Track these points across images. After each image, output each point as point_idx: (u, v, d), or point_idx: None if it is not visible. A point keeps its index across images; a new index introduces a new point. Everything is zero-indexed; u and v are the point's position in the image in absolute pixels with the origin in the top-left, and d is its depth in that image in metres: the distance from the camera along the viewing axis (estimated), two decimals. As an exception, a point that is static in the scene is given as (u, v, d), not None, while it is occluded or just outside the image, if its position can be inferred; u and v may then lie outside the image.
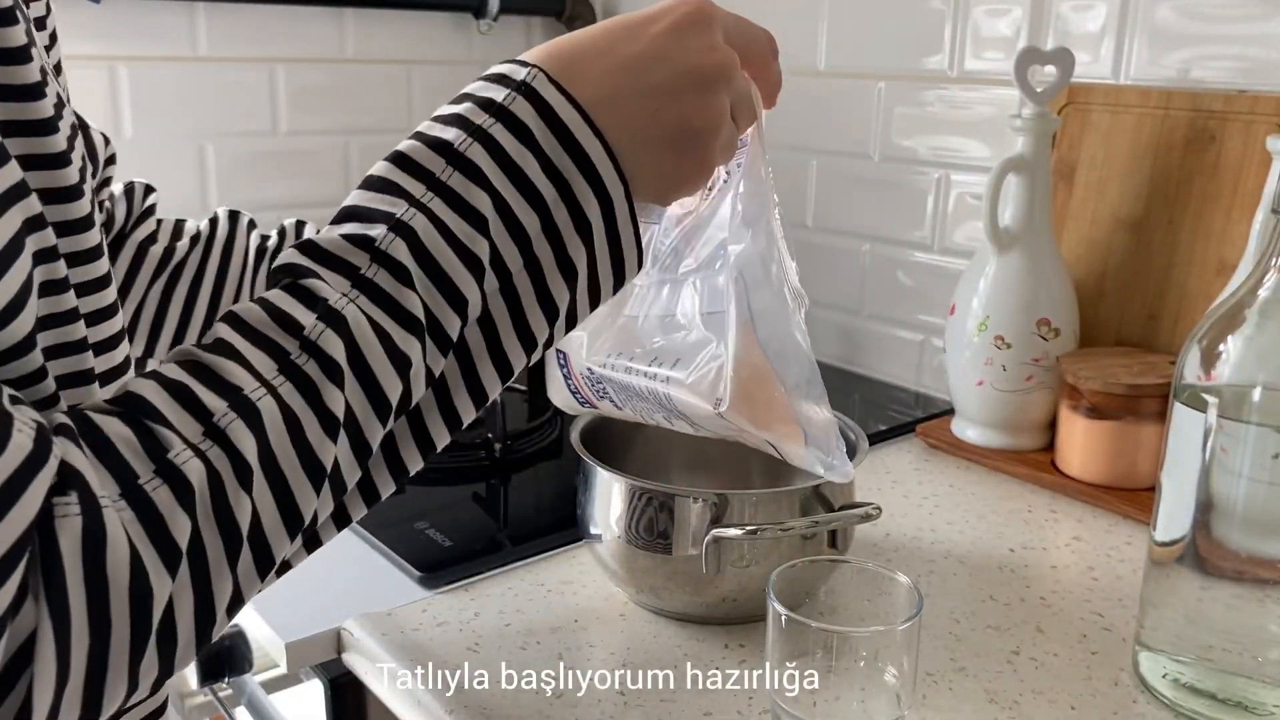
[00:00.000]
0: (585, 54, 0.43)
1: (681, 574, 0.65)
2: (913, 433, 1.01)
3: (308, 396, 0.36)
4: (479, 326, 0.41)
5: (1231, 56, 0.89)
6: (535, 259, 0.41)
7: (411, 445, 0.42)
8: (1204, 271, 0.89)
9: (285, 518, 0.36)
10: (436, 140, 0.41)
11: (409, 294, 0.38)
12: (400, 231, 0.39)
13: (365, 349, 0.38)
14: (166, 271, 0.67)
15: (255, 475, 0.35)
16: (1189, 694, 0.58)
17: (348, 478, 0.39)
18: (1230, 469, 0.56)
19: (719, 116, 0.45)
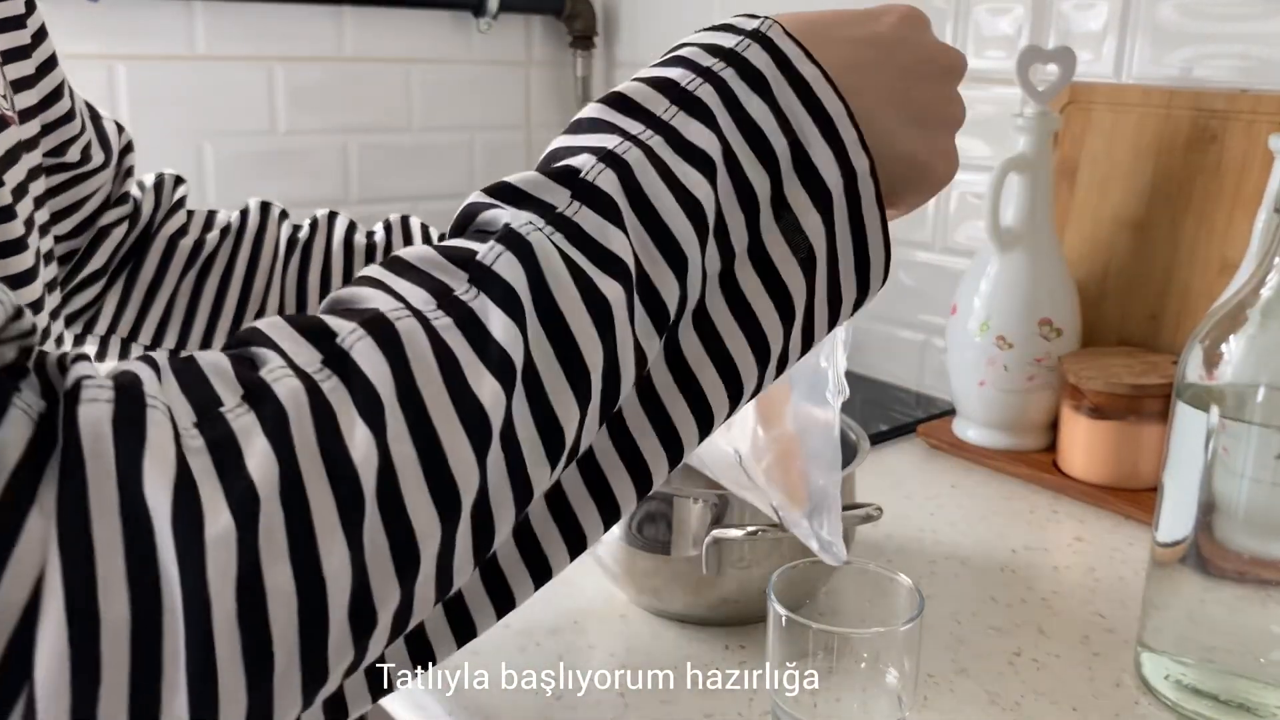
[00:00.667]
0: (825, 21, 0.38)
1: (682, 575, 0.64)
2: (914, 433, 1.01)
3: (471, 335, 0.29)
4: (695, 326, 0.34)
5: (1234, 56, 0.88)
6: (760, 238, 0.35)
7: (619, 464, 0.34)
8: (1206, 271, 0.89)
9: (432, 492, 0.28)
10: (660, 79, 0.35)
11: (615, 233, 0.31)
12: (611, 163, 0.32)
13: (553, 284, 0.30)
14: (197, 264, 0.66)
15: (385, 408, 0.27)
16: (1191, 695, 0.58)
17: (530, 460, 0.30)
18: (1233, 469, 0.56)
19: (962, 111, 0.41)
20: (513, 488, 0.30)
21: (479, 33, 1.41)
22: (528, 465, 0.30)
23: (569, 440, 0.31)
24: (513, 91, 1.47)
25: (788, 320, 0.35)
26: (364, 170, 1.36)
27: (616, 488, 0.34)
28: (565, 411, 0.30)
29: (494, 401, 0.28)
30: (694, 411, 0.35)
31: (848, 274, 0.36)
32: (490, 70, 1.44)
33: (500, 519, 0.30)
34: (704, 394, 0.34)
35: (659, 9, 1.42)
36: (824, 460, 0.51)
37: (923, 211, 1.14)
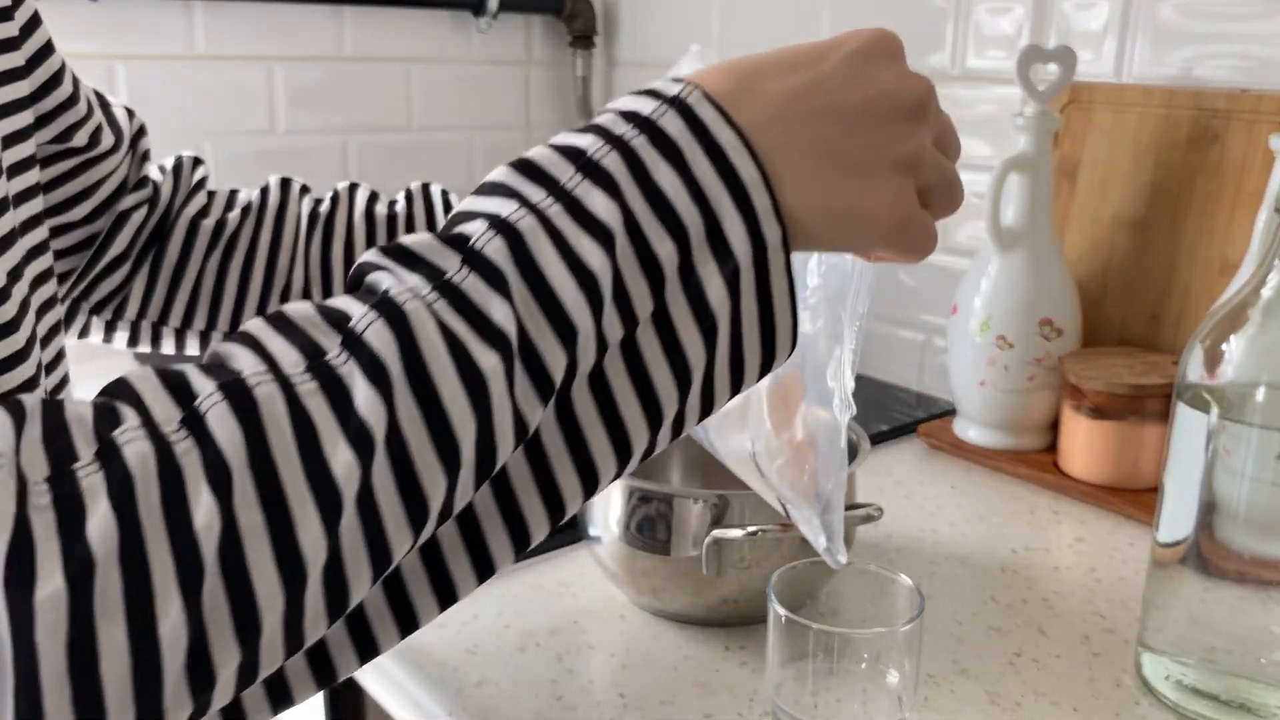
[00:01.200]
0: (762, 71, 0.37)
1: (682, 575, 0.64)
2: (914, 433, 1.01)
3: (334, 401, 0.29)
4: (590, 387, 0.34)
5: (1234, 55, 0.88)
6: (665, 305, 0.34)
7: (499, 524, 0.34)
8: (1207, 271, 0.89)
9: (278, 560, 0.28)
10: (568, 147, 0.35)
11: (498, 302, 0.31)
12: (503, 231, 0.32)
13: (426, 354, 0.30)
14: (221, 244, 0.67)
15: (234, 474, 0.28)
16: (1192, 696, 0.58)
17: (390, 527, 0.30)
18: (1233, 470, 0.56)
19: (920, 147, 0.38)
20: (369, 552, 0.30)
21: (479, 33, 1.41)
22: (387, 532, 0.30)
23: (434, 508, 0.31)
24: (513, 91, 1.47)
25: (684, 387, 0.35)
26: (364, 170, 1.36)
27: (493, 544, 0.35)
28: (431, 481, 0.30)
29: (347, 472, 0.29)
30: (579, 472, 0.35)
31: (752, 343, 0.36)
32: (490, 70, 1.44)
33: (356, 581, 0.30)
34: (591, 456, 0.35)
35: (659, 9, 1.42)
36: (830, 464, 0.51)
37: (923, 211, 1.14)
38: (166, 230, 0.66)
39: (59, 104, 0.56)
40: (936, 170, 0.40)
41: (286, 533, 0.28)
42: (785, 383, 0.51)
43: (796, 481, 0.51)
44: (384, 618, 0.34)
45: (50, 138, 0.56)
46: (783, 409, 0.52)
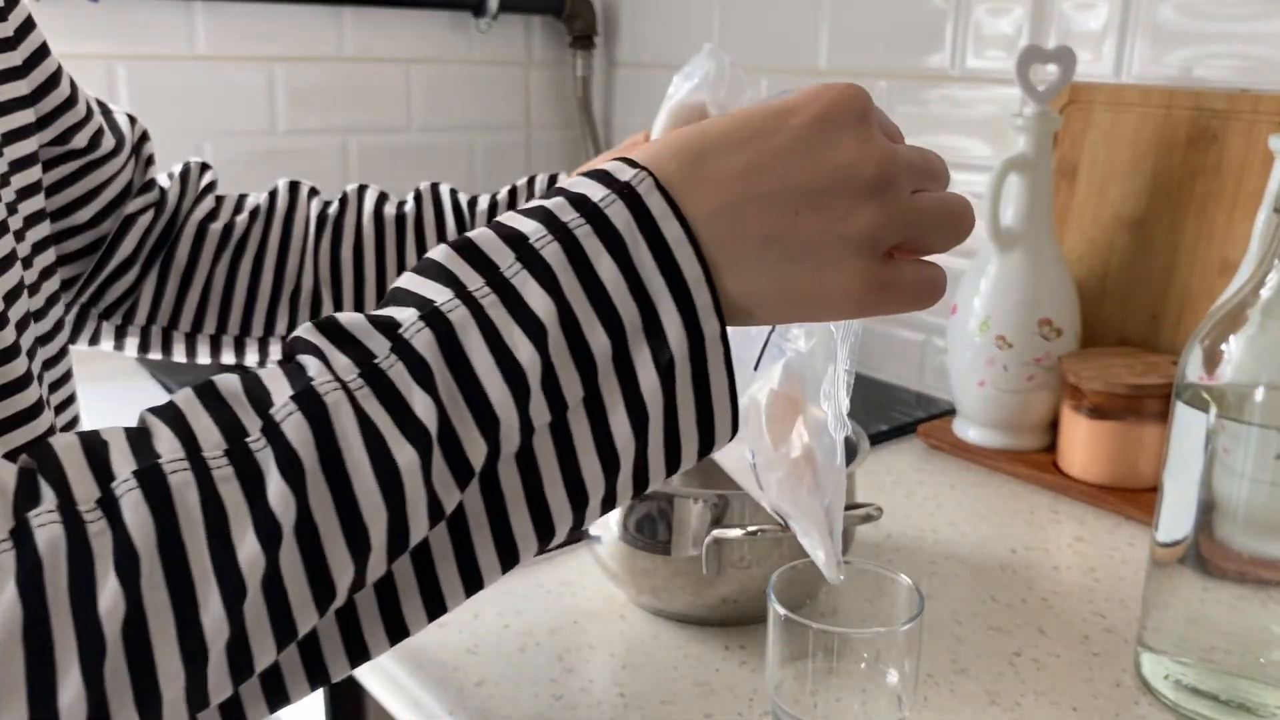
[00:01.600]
0: (713, 151, 0.36)
1: (682, 575, 0.64)
2: (914, 433, 1.01)
3: (247, 490, 0.30)
4: (517, 464, 0.34)
5: (1234, 55, 0.88)
6: (598, 392, 0.34)
7: (416, 595, 0.35)
8: (1206, 271, 0.89)
9: (180, 639, 0.29)
10: (511, 232, 0.35)
11: (420, 395, 0.32)
12: (433, 322, 0.33)
13: (342, 447, 0.31)
14: (229, 248, 0.67)
15: (142, 559, 0.29)
16: (1191, 695, 0.58)
17: (296, 607, 0.31)
18: (1232, 469, 0.56)
19: (880, 218, 0.36)
20: (274, 631, 0.31)
21: (479, 33, 1.41)
22: (293, 611, 0.31)
23: (342, 589, 0.32)
24: (513, 91, 1.47)
25: (612, 472, 0.35)
26: (364, 170, 1.36)
27: (407, 611, 0.35)
28: (339, 567, 0.31)
29: (252, 559, 0.30)
30: (498, 547, 0.35)
31: (688, 431, 0.36)
32: (490, 70, 1.44)
33: (260, 656, 0.31)
34: (512, 533, 0.35)
35: (659, 9, 1.42)
36: (827, 481, 0.51)
37: (923, 211, 1.14)
38: (174, 234, 0.66)
39: (58, 105, 0.56)
40: (917, 222, 0.38)
41: (191, 615, 0.30)
42: (784, 395, 0.50)
43: (795, 496, 0.51)
44: (296, 671, 0.34)
45: (51, 139, 0.56)
46: (781, 423, 0.52)
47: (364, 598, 0.34)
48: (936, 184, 0.40)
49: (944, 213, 0.39)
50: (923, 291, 0.38)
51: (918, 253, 0.39)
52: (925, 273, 0.39)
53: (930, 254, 0.40)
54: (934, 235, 0.39)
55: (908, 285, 0.38)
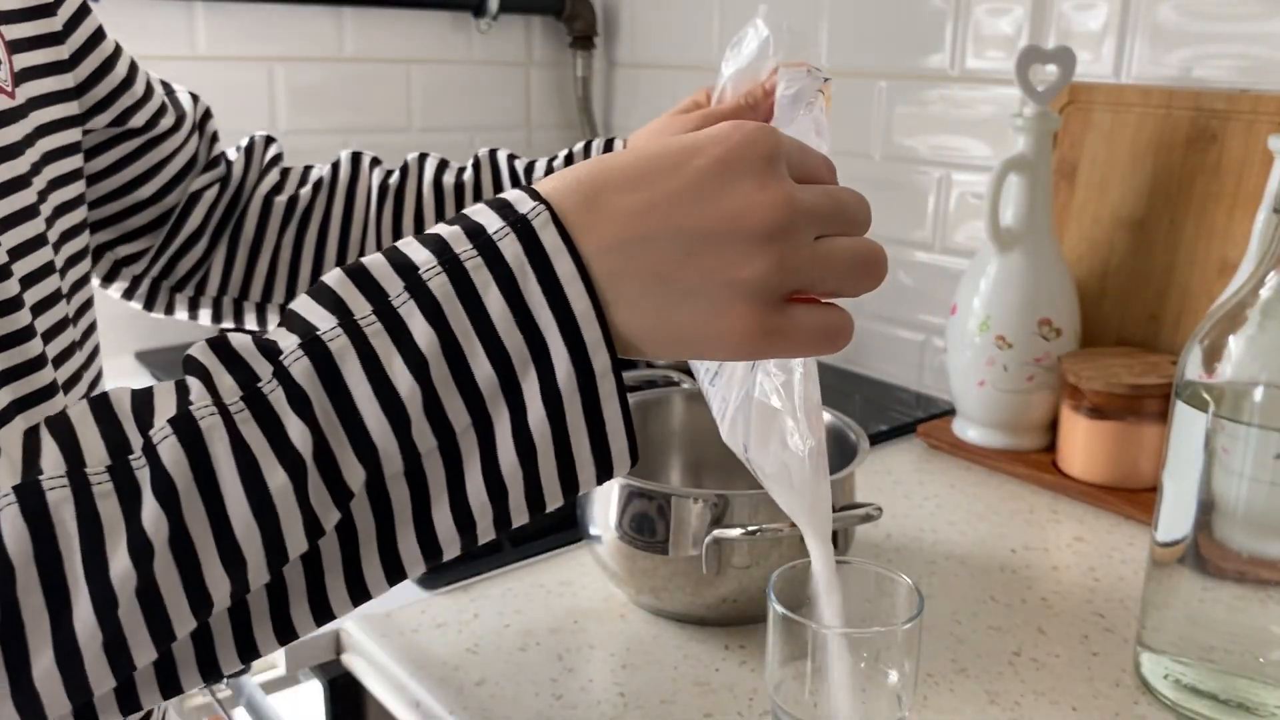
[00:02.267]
0: (613, 185, 0.37)
1: (682, 575, 0.64)
2: (914, 433, 1.01)
3: (124, 507, 0.32)
4: (406, 481, 0.35)
5: (1233, 56, 0.89)
6: (488, 419, 0.35)
7: (304, 601, 0.36)
8: (1206, 271, 0.89)
9: (54, 643, 0.32)
10: (404, 261, 0.36)
11: (295, 421, 0.33)
12: (313, 351, 0.34)
13: (217, 470, 0.33)
14: (295, 219, 0.69)
15: (18, 573, 0.31)
16: (1190, 695, 0.58)
17: (173, 615, 0.33)
18: (1232, 469, 0.56)
19: (773, 266, 0.36)
20: (151, 635, 0.33)
21: (479, 33, 1.41)
22: (170, 617, 0.33)
23: (220, 598, 0.33)
24: (513, 92, 1.47)
25: (499, 499, 0.36)
26: (364, 170, 1.36)
27: (295, 615, 0.36)
28: (214, 579, 0.33)
29: (124, 574, 0.32)
30: (384, 563, 0.36)
31: (583, 459, 0.36)
32: (490, 70, 1.44)
33: (139, 655, 0.33)
34: (398, 550, 0.36)
35: (659, 10, 1.42)
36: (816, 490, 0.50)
37: (923, 211, 1.14)
38: (241, 207, 0.69)
39: (113, 89, 0.58)
40: (817, 270, 0.37)
41: (62, 619, 0.32)
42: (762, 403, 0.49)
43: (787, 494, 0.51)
44: (189, 665, 0.36)
45: (108, 121, 0.59)
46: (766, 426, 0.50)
47: (255, 599, 0.35)
48: (851, 228, 0.39)
49: (850, 259, 0.38)
50: (819, 337, 0.38)
51: (826, 297, 0.39)
52: (825, 319, 0.38)
53: (839, 298, 0.39)
54: (837, 282, 0.38)
55: (803, 331, 0.37)
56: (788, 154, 0.38)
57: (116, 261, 0.67)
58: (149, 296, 0.69)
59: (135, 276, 0.68)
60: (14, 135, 0.46)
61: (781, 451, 0.47)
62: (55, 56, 0.52)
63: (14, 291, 0.42)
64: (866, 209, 0.40)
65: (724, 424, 0.49)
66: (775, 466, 0.47)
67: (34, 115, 0.49)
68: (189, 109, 0.66)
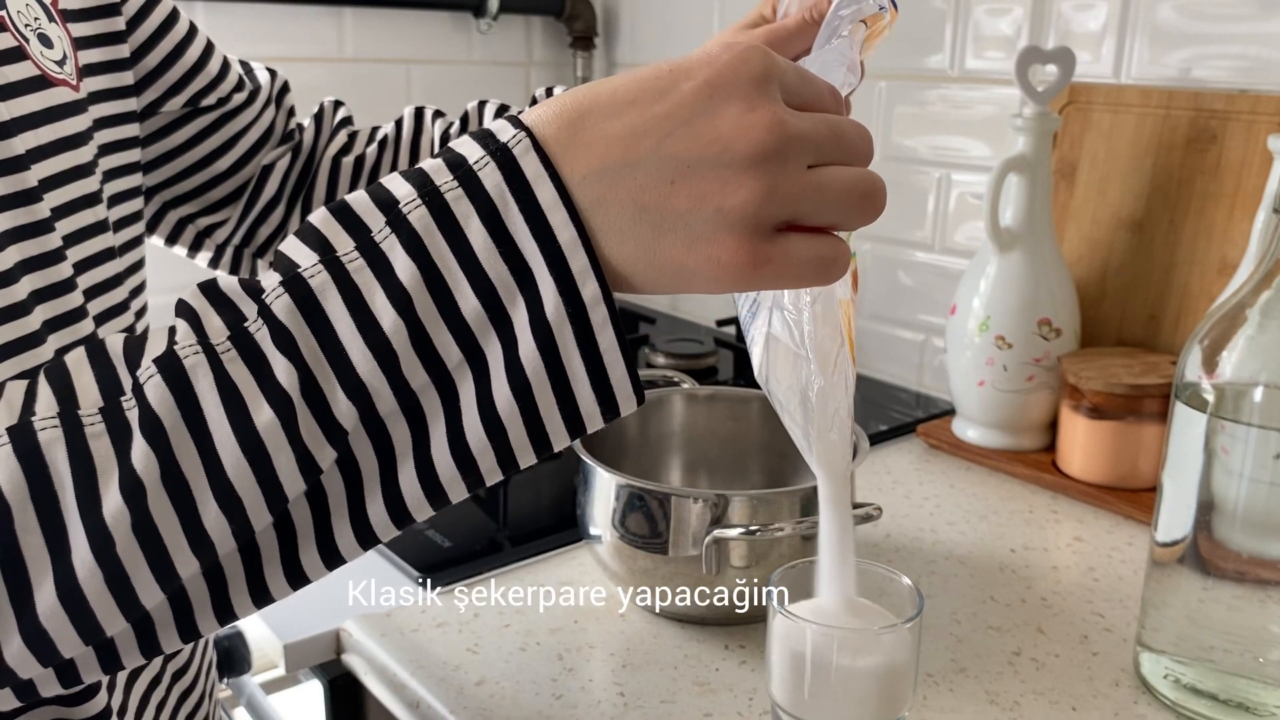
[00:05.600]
0: (598, 111, 0.35)
1: (682, 575, 0.64)
2: (913, 433, 1.01)
3: (116, 446, 0.33)
4: (405, 420, 0.35)
5: (1233, 56, 0.89)
6: (480, 354, 0.35)
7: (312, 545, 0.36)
8: (1205, 271, 0.89)
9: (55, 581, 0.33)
10: (385, 195, 0.35)
11: (280, 359, 0.33)
12: (293, 287, 0.34)
13: (204, 406, 0.33)
14: (363, 178, 0.70)
15: (14, 510, 0.32)
16: (1190, 695, 0.58)
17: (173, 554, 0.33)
18: (1231, 469, 0.56)
19: (762, 192, 0.34)
20: (153, 573, 0.33)
21: (479, 33, 1.41)
22: (172, 559, 0.33)
23: (219, 537, 0.34)
24: (513, 92, 1.47)
25: (498, 434, 0.35)
26: (364, 170, 1.36)
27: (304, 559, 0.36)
28: (211, 518, 0.33)
29: (117, 512, 0.32)
30: (387, 503, 0.36)
31: (583, 395, 0.35)
32: (490, 71, 1.44)
33: (145, 595, 0.34)
34: (400, 490, 0.36)
35: (659, 10, 1.42)
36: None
37: (923, 212, 1.14)
38: (313, 172, 0.70)
39: (184, 74, 0.60)
40: (810, 199, 0.36)
41: (62, 557, 0.32)
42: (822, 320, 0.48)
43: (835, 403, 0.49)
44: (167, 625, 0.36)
45: (183, 103, 0.61)
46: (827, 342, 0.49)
47: (265, 541, 0.36)
48: (849, 158, 0.37)
49: (846, 190, 0.36)
50: (814, 268, 0.36)
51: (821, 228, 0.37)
52: (818, 249, 0.36)
53: (835, 230, 0.37)
54: (833, 213, 0.36)
55: (794, 261, 0.36)
56: (782, 77, 0.36)
57: (199, 233, 0.68)
58: (234, 264, 0.71)
59: (219, 246, 0.69)
60: (79, 125, 0.47)
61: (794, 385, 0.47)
62: (115, 55, 0.54)
63: (67, 274, 0.44)
64: (868, 140, 0.38)
65: (755, 359, 0.49)
66: (788, 399, 0.47)
67: (93, 109, 0.51)
68: (265, 84, 0.68)
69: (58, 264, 0.43)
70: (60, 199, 0.45)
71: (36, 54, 0.46)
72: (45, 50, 0.47)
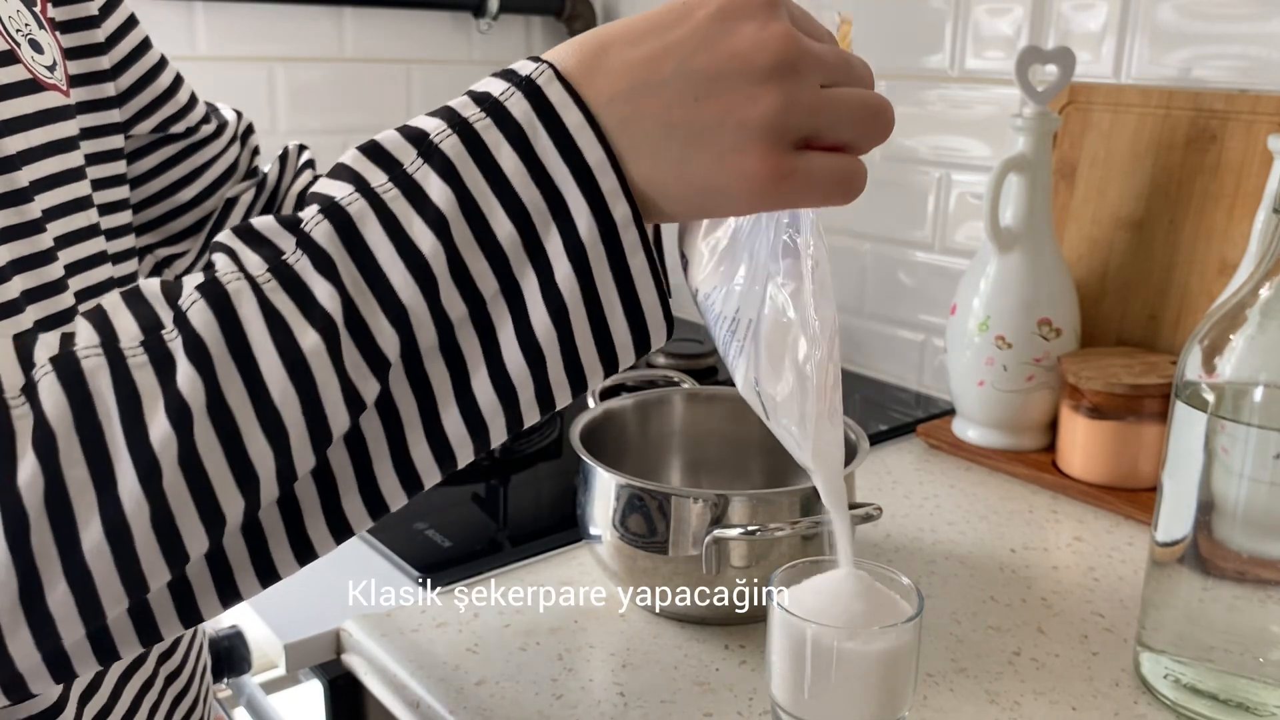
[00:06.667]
0: (616, 42, 0.37)
1: (682, 575, 0.64)
2: (913, 433, 1.01)
3: (160, 375, 0.32)
4: (443, 357, 0.35)
5: (1233, 56, 0.89)
6: (515, 283, 0.35)
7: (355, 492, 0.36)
8: (1205, 271, 0.89)
9: (101, 512, 0.31)
10: (414, 131, 0.36)
11: (322, 283, 0.33)
12: (332, 215, 0.34)
13: (247, 330, 0.33)
14: None
15: (59, 438, 0.31)
16: (1190, 695, 0.58)
17: (219, 488, 0.33)
18: (1231, 469, 0.56)
19: (784, 104, 0.36)
20: (199, 510, 0.32)
21: (479, 33, 1.41)
22: (216, 492, 0.33)
23: (264, 472, 0.33)
24: (513, 92, 1.47)
25: (538, 363, 0.36)
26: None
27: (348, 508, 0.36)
28: (257, 447, 0.33)
29: (164, 439, 0.32)
30: (431, 443, 0.36)
31: (616, 321, 0.36)
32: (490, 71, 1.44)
33: (189, 537, 0.33)
34: (444, 430, 0.36)
35: (659, 9, 1.42)
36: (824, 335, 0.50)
37: (923, 211, 1.14)
38: (277, 209, 0.70)
39: (156, 97, 0.61)
40: (827, 113, 0.37)
41: (108, 488, 0.31)
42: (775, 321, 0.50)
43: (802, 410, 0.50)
44: (245, 567, 0.36)
45: (151, 128, 0.61)
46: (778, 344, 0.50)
47: (305, 491, 0.35)
48: (855, 81, 0.39)
49: (858, 106, 0.38)
50: (834, 183, 0.37)
51: (837, 148, 0.38)
52: (839, 164, 0.37)
53: (851, 151, 0.38)
54: (848, 129, 0.38)
55: (817, 175, 0.37)
56: (788, 6, 0.38)
57: (158, 263, 0.68)
58: None
59: (177, 277, 0.70)
60: (70, 130, 0.48)
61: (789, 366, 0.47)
62: (96, 66, 0.54)
63: (58, 275, 0.44)
64: (870, 71, 0.40)
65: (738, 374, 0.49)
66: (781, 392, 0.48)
67: (80, 119, 0.51)
68: (232, 121, 0.69)
69: (49, 264, 0.43)
70: (51, 201, 0.45)
71: (28, 59, 0.46)
72: (36, 55, 0.47)
